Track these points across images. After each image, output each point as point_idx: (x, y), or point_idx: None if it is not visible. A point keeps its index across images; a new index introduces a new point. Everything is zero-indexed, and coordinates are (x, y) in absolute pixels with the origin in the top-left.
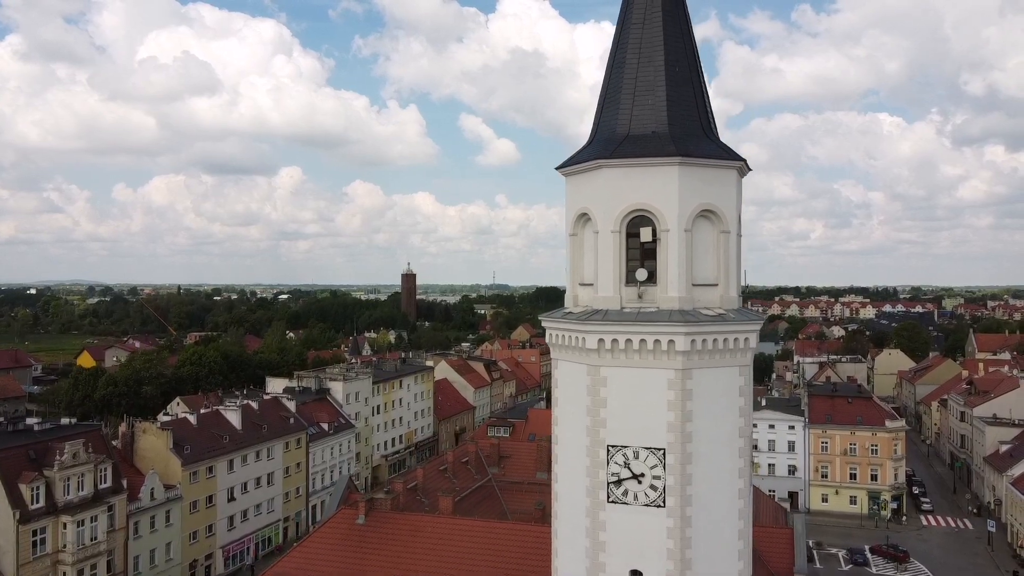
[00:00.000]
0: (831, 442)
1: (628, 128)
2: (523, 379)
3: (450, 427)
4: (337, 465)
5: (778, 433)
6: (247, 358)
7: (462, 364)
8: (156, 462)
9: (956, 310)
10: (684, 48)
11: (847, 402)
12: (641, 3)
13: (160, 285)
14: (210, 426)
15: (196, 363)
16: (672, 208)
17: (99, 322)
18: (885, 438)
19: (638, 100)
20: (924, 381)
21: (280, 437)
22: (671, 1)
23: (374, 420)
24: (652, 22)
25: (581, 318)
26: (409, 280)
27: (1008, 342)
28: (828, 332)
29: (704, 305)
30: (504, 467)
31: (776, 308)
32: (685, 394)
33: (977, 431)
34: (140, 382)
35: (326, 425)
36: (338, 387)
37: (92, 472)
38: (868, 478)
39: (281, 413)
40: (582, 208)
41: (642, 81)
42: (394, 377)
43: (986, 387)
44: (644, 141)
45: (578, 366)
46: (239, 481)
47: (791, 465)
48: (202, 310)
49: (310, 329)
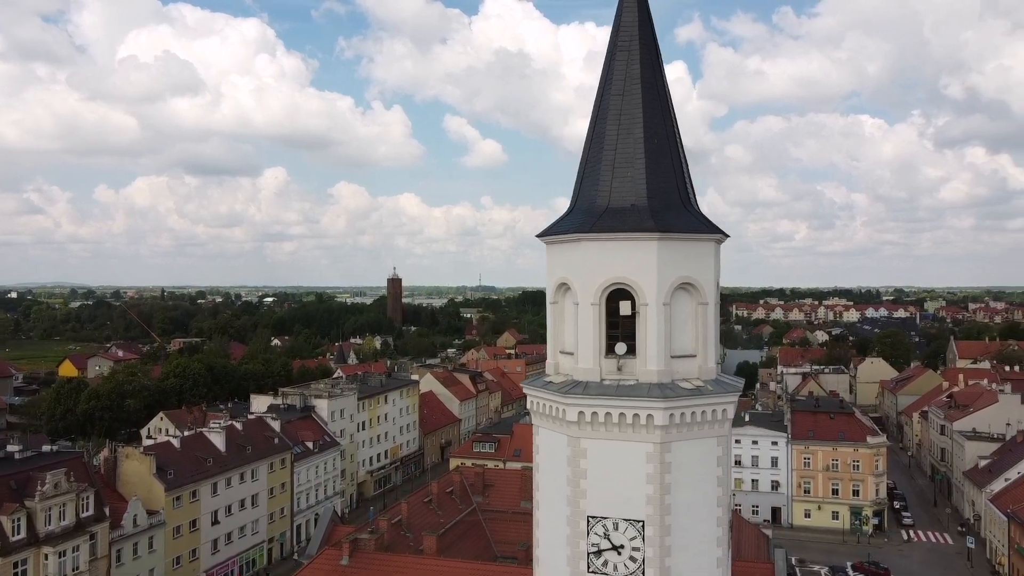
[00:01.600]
0: (813, 458)
1: (608, 200)
2: (509, 389)
3: (435, 440)
4: (322, 483)
5: (761, 449)
6: (232, 370)
7: (448, 376)
8: (139, 487)
9: (938, 313)
10: (663, 118)
11: (829, 418)
12: (620, 73)
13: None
14: (194, 449)
15: (180, 375)
16: (651, 283)
17: (81, 327)
18: (867, 454)
19: (617, 172)
20: (906, 392)
21: (265, 458)
22: (650, 71)
23: (359, 436)
24: (631, 93)
25: (562, 390)
26: (395, 285)
27: (988, 349)
28: (812, 337)
29: (683, 377)
30: (489, 496)
31: (761, 311)
32: (664, 467)
33: (957, 445)
34: (123, 395)
35: (311, 444)
36: (323, 404)
37: (74, 501)
38: (850, 493)
39: (266, 433)
40: (562, 278)
41: (621, 153)
42: (379, 392)
43: (966, 401)
44: (623, 215)
45: (559, 436)
46: (223, 504)
47: (774, 480)
48: (186, 315)
49: (295, 336)
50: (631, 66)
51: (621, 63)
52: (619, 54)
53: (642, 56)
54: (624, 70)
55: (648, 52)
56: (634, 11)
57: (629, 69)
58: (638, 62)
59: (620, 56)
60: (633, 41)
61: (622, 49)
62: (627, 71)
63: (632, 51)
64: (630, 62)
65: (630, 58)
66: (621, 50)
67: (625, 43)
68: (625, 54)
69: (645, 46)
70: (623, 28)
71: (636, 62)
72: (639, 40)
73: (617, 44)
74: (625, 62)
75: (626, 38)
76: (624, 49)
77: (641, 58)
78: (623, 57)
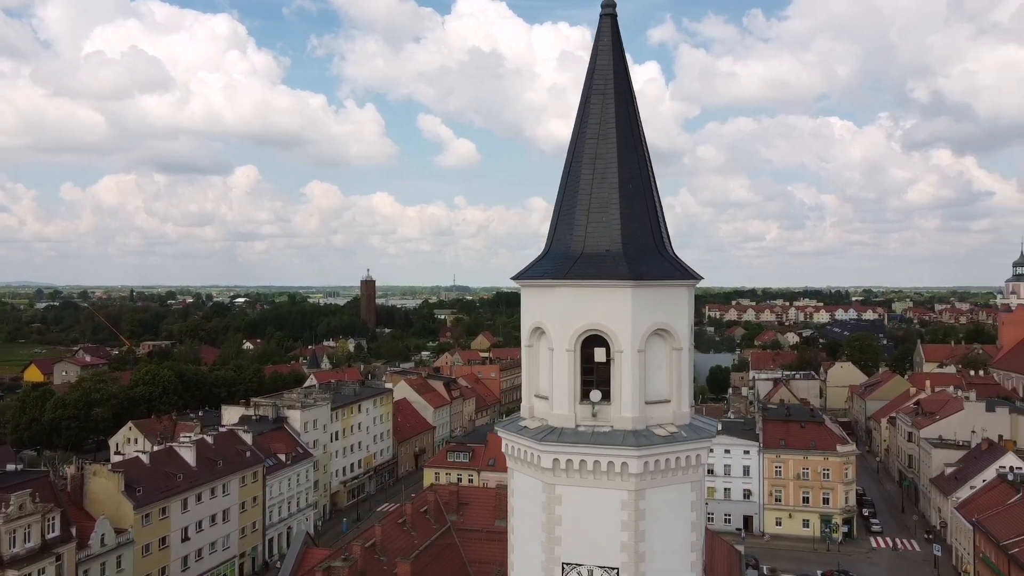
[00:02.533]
0: (784, 466)
1: (583, 246)
2: (483, 395)
3: (409, 448)
4: (295, 496)
5: (733, 458)
6: (202, 377)
7: (422, 383)
8: (107, 505)
9: (905, 314)
10: (638, 162)
11: (800, 427)
12: (595, 116)
13: (112, 287)
14: (163, 464)
15: (149, 383)
16: (626, 330)
17: (48, 329)
18: (837, 462)
19: (592, 217)
20: (874, 397)
21: (236, 472)
22: (625, 115)
23: (332, 447)
24: (606, 137)
25: (537, 436)
26: (368, 287)
27: (954, 353)
28: (783, 339)
29: (657, 422)
30: (463, 514)
31: (733, 313)
32: (638, 514)
33: (924, 452)
34: (91, 404)
35: (283, 456)
36: (296, 415)
37: (40, 522)
38: (820, 501)
39: (237, 446)
40: (537, 322)
41: (596, 198)
42: (353, 401)
43: (932, 408)
44: (598, 261)
45: (534, 481)
46: (193, 520)
47: (746, 489)
48: (156, 317)
49: (268, 339)
50: (606, 110)
51: (596, 106)
52: (594, 97)
53: (617, 100)
54: (599, 113)
55: (623, 96)
56: (608, 54)
57: (604, 113)
58: (612, 106)
59: (595, 99)
60: (608, 85)
61: (597, 92)
62: (602, 115)
63: (607, 95)
64: (605, 106)
65: (605, 102)
66: (596, 93)
67: (600, 87)
68: (600, 97)
69: (620, 90)
70: (598, 71)
71: (611, 106)
72: (614, 84)
73: (592, 87)
74: (600, 106)
75: (601, 82)
76: (599, 92)
77: (616, 102)
78: (598, 101)
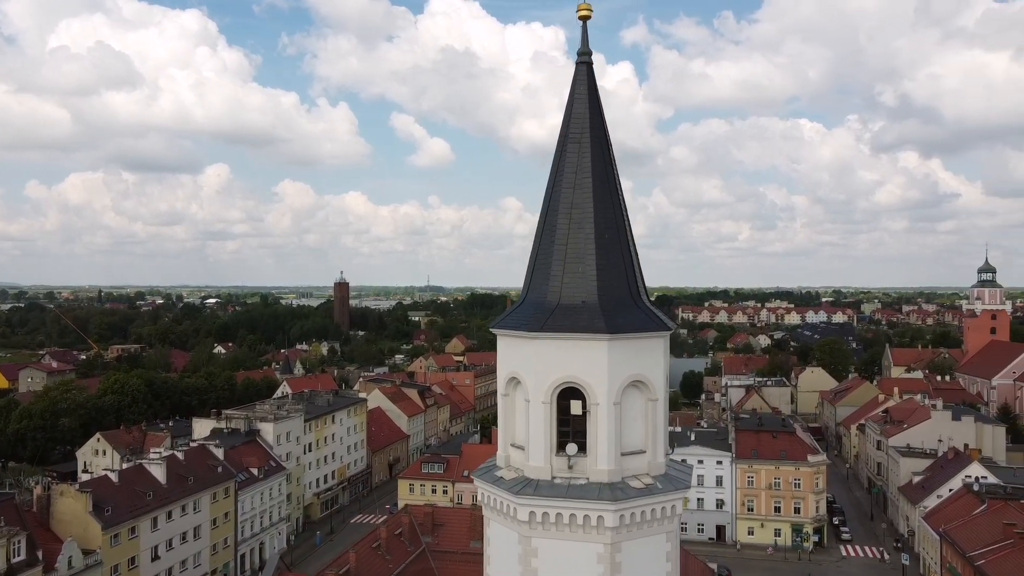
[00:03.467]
0: (757, 477)
1: (559, 297)
2: (458, 402)
3: (383, 458)
4: (267, 510)
5: (707, 468)
6: (173, 384)
7: (396, 392)
8: (74, 526)
9: (874, 315)
10: (614, 212)
11: (772, 437)
12: (572, 165)
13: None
14: (133, 482)
15: (118, 392)
16: (602, 383)
17: (12, 332)
18: (808, 472)
19: (568, 268)
20: (844, 403)
21: (207, 488)
22: (601, 164)
23: (306, 459)
24: (583, 186)
25: (513, 489)
26: (342, 289)
27: (921, 357)
28: (755, 342)
29: (633, 473)
30: (438, 536)
31: (706, 315)
32: (614, 567)
33: (892, 461)
34: (57, 414)
35: (256, 470)
36: (269, 428)
37: (4, 546)
38: (792, 511)
39: (208, 462)
40: (513, 372)
41: (572, 248)
42: (326, 412)
43: (901, 416)
44: (574, 313)
45: (510, 532)
46: (164, 538)
47: (719, 499)
48: (125, 320)
49: (240, 343)
50: (582, 159)
51: (572, 155)
52: (570, 145)
53: (593, 149)
54: (575, 162)
55: (599, 145)
56: (584, 102)
57: (580, 162)
58: (588, 155)
59: (571, 148)
60: (584, 134)
61: (573, 141)
62: (578, 164)
63: (583, 143)
64: (581, 154)
65: (581, 150)
66: (572, 141)
67: (576, 135)
68: (576, 146)
69: (596, 139)
70: (574, 119)
71: (587, 155)
72: (590, 133)
73: (568, 136)
74: (576, 154)
75: (577, 130)
76: (575, 141)
77: (592, 151)
78: (574, 149)
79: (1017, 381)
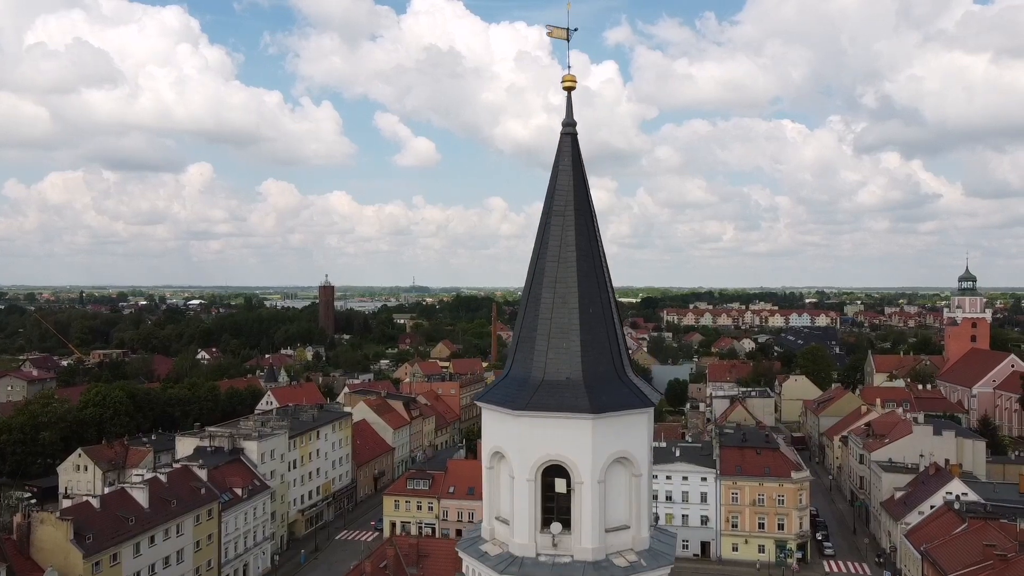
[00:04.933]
0: (741, 493)
1: (543, 373)
2: (443, 412)
3: (369, 471)
4: (251, 530)
5: (691, 484)
6: (155, 396)
7: (381, 404)
8: (55, 555)
9: (857, 317)
10: (598, 286)
11: (756, 453)
12: (556, 238)
13: (60, 287)
14: (115, 508)
15: (99, 404)
16: (586, 461)
17: None
18: (791, 489)
19: (552, 343)
20: (827, 413)
21: (190, 511)
22: (585, 238)
23: (290, 476)
24: (567, 260)
25: (498, 567)
26: (327, 292)
27: (903, 363)
28: (739, 346)
29: (617, 550)
30: (423, 567)
31: (691, 317)
32: None
33: (874, 475)
34: (38, 428)
35: (240, 490)
36: (252, 447)
37: None
38: (775, 527)
39: (191, 483)
40: (497, 447)
41: (557, 323)
42: (311, 428)
43: (882, 430)
44: (559, 391)
45: None
46: (146, 564)
47: (703, 515)
48: (106, 324)
49: (224, 347)
50: (566, 232)
51: (557, 228)
52: (554, 219)
53: (577, 222)
54: (560, 235)
55: (583, 217)
56: (569, 174)
57: (564, 235)
58: (573, 229)
59: (555, 221)
60: (568, 207)
61: (557, 214)
62: (563, 237)
63: (567, 216)
64: (565, 228)
65: (565, 223)
66: (556, 215)
67: (560, 208)
68: (560, 219)
69: (580, 211)
70: (558, 192)
71: (571, 228)
72: (574, 205)
73: (552, 208)
74: (560, 227)
75: (561, 203)
76: (559, 214)
77: (576, 224)
78: (559, 222)
79: (997, 389)
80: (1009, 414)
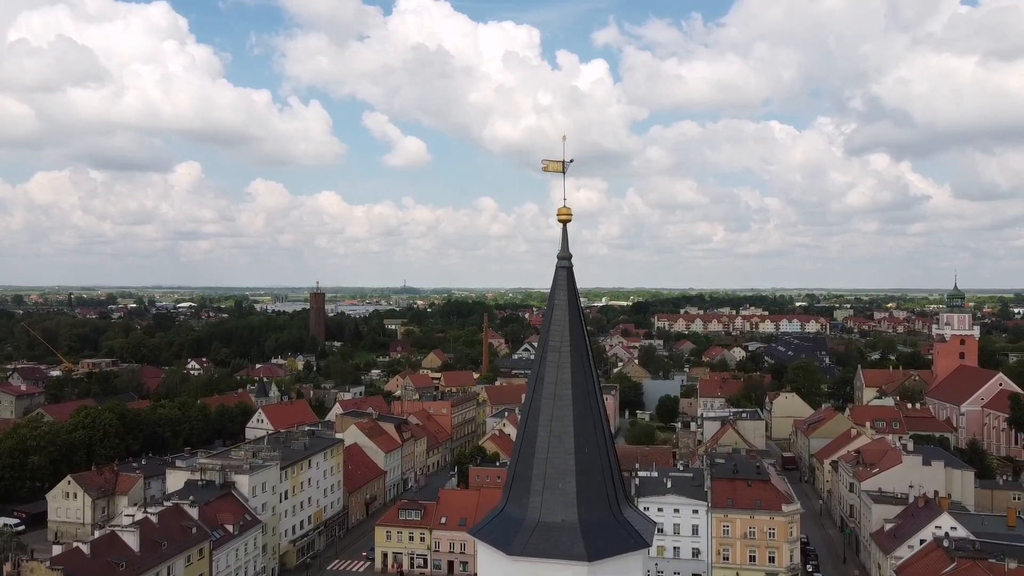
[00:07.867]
0: (732, 526)
1: (539, 514)
2: (435, 432)
3: (360, 497)
4: (243, 566)
5: (683, 517)
6: (145, 417)
7: (373, 427)
8: None
9: (846, 323)
10: (594, 425)
11: (747, 485)
12: (551, 375)
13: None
14: (105, 553)
15: (89, 426)
16: None
17: None
18: (782, 522)
19: (548, 483)
20: (817, 434)
21: (182, 551)
22: (581, 375)
23: (281, 507)
24: (562, 399)
25: None
26: (318, 299)
27: (892, 379)
28: (730, 356)
29: None
30: None
31: (682, 323)
32: None
33: (864, 505)
34: (26, 452)
35: (231, 526)
36: (244, 480)
37: None
38: (766, 560)
39: (182, 522)
40: None
41: (552, 464)
42: (303, 457)
43: (872, 459)
44: (554, 535)
45: None
46: None
47: (695, 548)
48: (95, 331)
49: (214, 357)
50: (562, 370)
51: (552, 364)
52: (550, 354)
53: (573, 359)
54: (555, 373)
55: (578, 353)
56: (564, 309)
57: (560, 373)
58: (569, 367)
59: (551, 357)
60: (564, 344)
61: (553, 350)
62: (558, 375)
63: (563, 353)
64: (561, 365)
65: (561, 360)
66: (552, 350)
67: (556, 344)
68: (556, 355)
69: (576, 347)
70: (554, 326)
71: (567, 366)
72: (570, 341)
73: (548, 343)
74: (556, 364)
75: (557, 339)
76: (555, 350)
77: (572, 362)
78: (554, 359)
79: (985, 408)
80: (997, 433)
